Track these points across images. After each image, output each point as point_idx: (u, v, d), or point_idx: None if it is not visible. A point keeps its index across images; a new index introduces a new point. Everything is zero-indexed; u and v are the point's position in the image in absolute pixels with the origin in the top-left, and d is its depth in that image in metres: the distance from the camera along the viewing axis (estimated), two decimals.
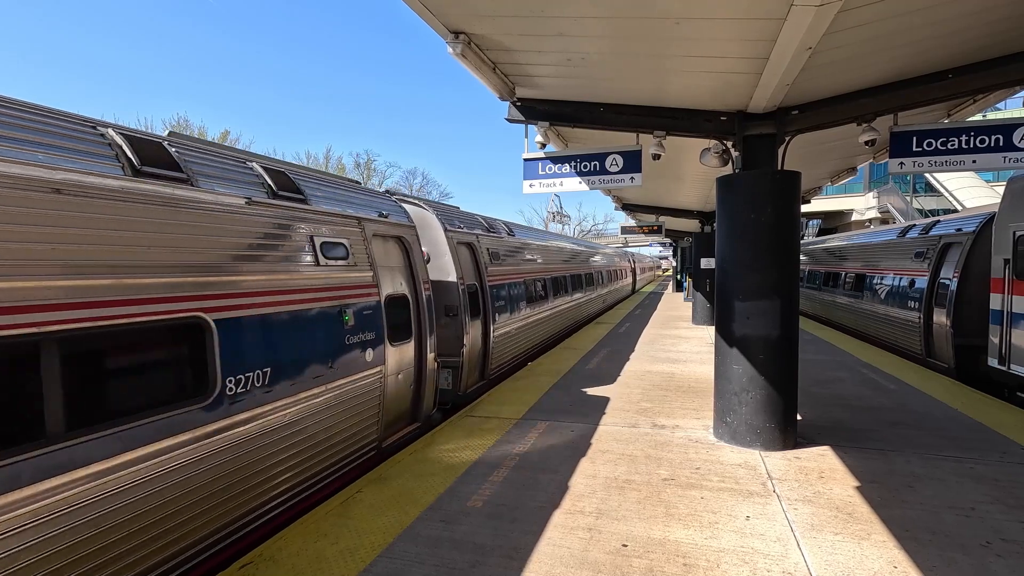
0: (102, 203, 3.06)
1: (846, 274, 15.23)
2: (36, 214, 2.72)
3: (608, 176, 6.32)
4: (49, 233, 2.77)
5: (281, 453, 4.20)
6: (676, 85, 5.44)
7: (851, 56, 4.57)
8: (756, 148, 5.74)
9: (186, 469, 3.35)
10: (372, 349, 5.29)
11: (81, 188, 2.97)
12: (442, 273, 7.76)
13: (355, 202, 5.69)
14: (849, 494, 4.52)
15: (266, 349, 4.07)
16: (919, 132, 5.50)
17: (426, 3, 3.91)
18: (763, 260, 5.46)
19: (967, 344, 8.98)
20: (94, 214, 3.00)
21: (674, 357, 10.87)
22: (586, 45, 4.54)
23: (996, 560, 3.53)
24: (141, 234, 3.25)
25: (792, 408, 5.54)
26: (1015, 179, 8.07)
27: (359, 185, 6.47)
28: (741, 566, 3.50)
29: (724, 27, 4.06)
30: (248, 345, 3.91)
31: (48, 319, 2.68)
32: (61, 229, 2.82)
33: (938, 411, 6.86)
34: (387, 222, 6.05)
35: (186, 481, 3.36)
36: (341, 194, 5.57)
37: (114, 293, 3.02)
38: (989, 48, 4.68)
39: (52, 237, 2.77)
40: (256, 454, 3.94)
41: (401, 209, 6.62)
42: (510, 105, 6.03)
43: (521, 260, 11.27)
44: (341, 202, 5.41)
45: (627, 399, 7.59)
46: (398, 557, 3.63)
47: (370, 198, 6.19)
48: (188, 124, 35.60)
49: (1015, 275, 7.60)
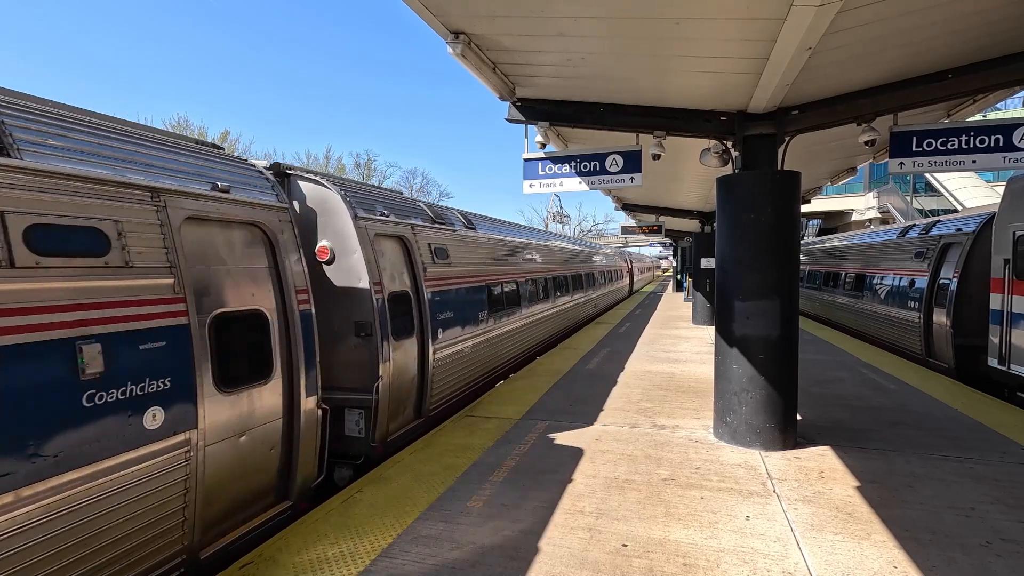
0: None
1: (846, 274, 15.23)
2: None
3: (608, 176, 6.32)
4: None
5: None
6: (676, 85, 5.44)
7: (851, 56, 4.57)
8: (756, 148, 5.74)
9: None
10: (162, 408, 3.29)
11: None
12: (348, 277, 5.62)
13: (158, 165, 3.65)
14: (849, 494, 4.52)
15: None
16: (919, 132, 5.50)
17: (426, 3, 3.92)
18: (763, 260, 5.46)
19: (967, 344, 8.98)
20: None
21: (674, 357, 10.87)
22: (586, 45, 4.54)
23: (996, 560, 3.53)
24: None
25: (792, 408, 5.54)
26: (1015, 179, 8.07)
27: (197, 145, 4.38)
28: (741, 566, 3.50)
29: (724, 27, 4.06)
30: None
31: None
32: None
33: (938, 411, 6.86)
34: (221, 198, 3.95)
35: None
36: (117, 150, 3.43)
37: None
38: (989, 48, 4.68)
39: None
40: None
41: (267, 182, 4.61)
42: (510, 105, 6.03)
43: (483, 259, 9.16)
44: (116, 161, 3.36)
45: (627, 399, 7.59)
46: (398, 557, 3.63)
47: (200, 163, 4.05)
48: (188, 124, 35.64)
49: (1015, 275, 7.60)
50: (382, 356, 5.67)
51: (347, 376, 5.70)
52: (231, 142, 38.11)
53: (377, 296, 5.68)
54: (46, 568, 2.70)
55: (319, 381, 4.64)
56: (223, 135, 37.98)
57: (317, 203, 5.64)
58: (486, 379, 8.85)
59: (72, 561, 2.82)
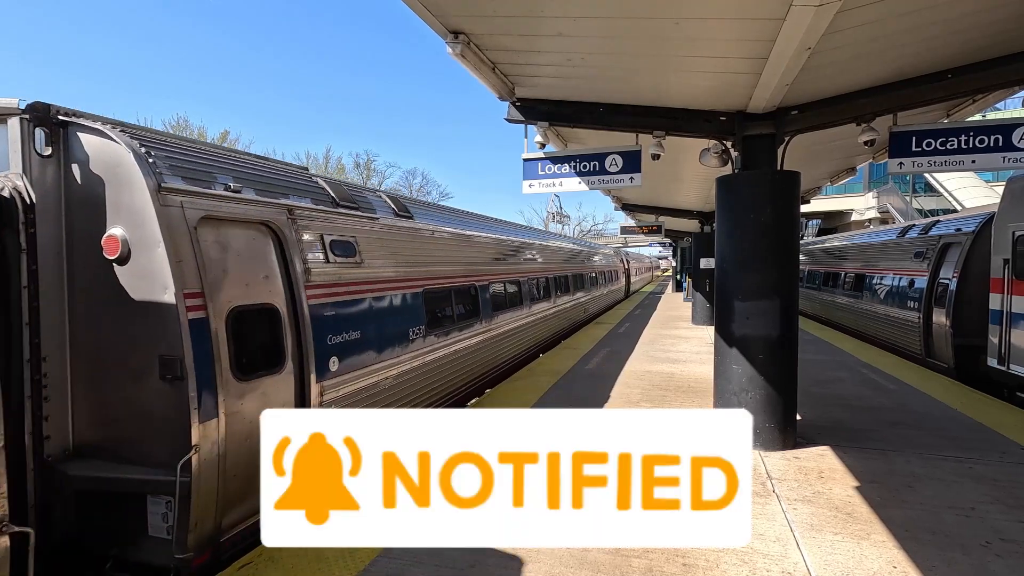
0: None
1: (846, 274, 15.23)
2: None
3: (608, 176, 6.31)
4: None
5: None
6: (675, 85, 5.44)
7: (850, 56, 4.57)
8: (755, 148, 5.74)
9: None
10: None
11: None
12: (146, 285, 3.64)
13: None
14: (849, 494, 4.52)
15: None
16: (918, 132, 5.49)
17: (425, 3, 3.91)
18: (763, 260, 5.46)
19: (967, 344, 8.98)
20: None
21: (674, 357, 10.87)
22: (585, 45, 4.54)
23: (996, 560, 3.53)
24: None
25: (792, 408, 5.54)
26: (1014, 179, 8.06)
27: None
28: (740, 566, 3.49)
29: (723, 27, 4.06)
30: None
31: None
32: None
33: (938, 411, 6.86)
34: None
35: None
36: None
37: None
38: (988, 48, 4.68)
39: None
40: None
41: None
42: (510, 105, 6.02)
43: (422, 258, 7.05)
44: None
45: (627, 399, 7.59)
46: (397, 557, 3.63)
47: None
48: (188, 124, 35.63)
49: (1014, 275, 7.60)
50: (200, 412, 3.58)
51: (147, 441, 3.70)
52: (230, 141, 38.08)
53: (194, 315, 3.66)
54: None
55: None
56: (223, 135, 37.97)
57: (105, 167, 3.70)
58: None
59: None
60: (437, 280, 7.38)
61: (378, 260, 6.01)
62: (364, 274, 5.71)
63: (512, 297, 10.63)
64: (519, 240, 12.07)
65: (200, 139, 6.31)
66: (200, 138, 33.40)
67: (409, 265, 6.65)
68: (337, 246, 5.33)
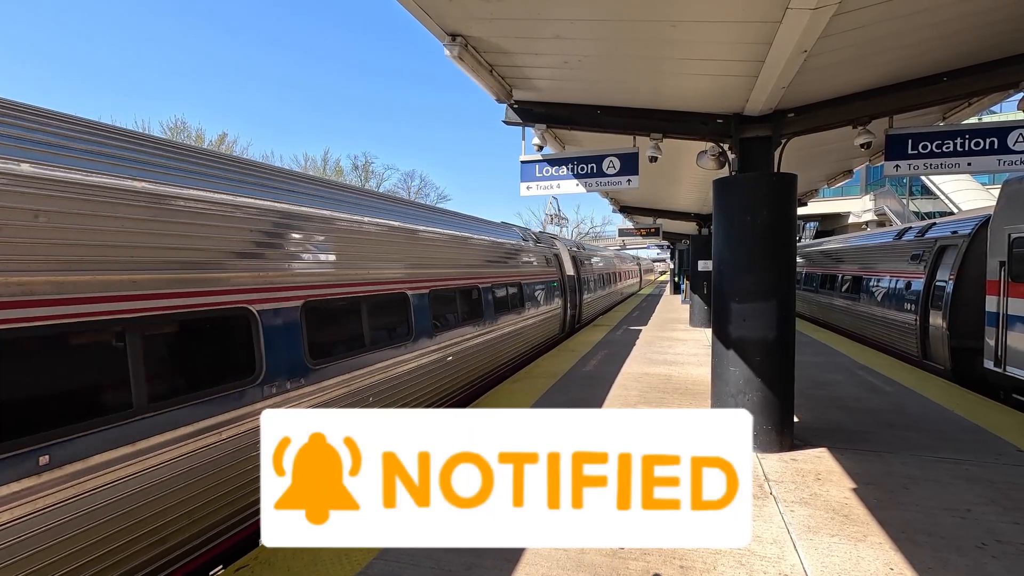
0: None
1: (843, 276, 15.27)
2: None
3: (605, 178, 6.32)
4: None
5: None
6: (672, 87, 5.46)
7: (847, 59, 4.59)
8: (752, 151, 5.76)
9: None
10: None
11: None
12: None
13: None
14: (846, 496, 4.53)
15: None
16: (914, 135, 5.52)
17: (423, 6, 3.92)
18: (760, 262, 5.48)
19: (963, 346, 9.01)
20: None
21: (671, 359, 10.88)
22: (583, 48, 4.55)
23: (992, 561, 3.54)
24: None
25: (789, 410, 5.55)
26: (1010, 182, 8.10)
27: None
28: (737, 568, 3.50)
29: (720, 30, 4.07)
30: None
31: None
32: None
33: (934, 413, 6.88)
34: None
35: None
36: None
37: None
38: (984, 51, 4.71)
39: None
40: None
41: None
42: (507, 107, 6.03)
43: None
44: None
45: (625, 401, 7.59)
46: (394, 559, 3.62)
47: None
48: (186, 126, 35.57)
49: (1010, 277, 7.63)
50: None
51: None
52: (229, 144, 38.06)
53: None
54: None
55: None
56: (220, 137, 37.92)
57: None
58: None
59: None
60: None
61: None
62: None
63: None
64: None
65: (199, 141, 5.88)
66: (198, 141, 33.29)
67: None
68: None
